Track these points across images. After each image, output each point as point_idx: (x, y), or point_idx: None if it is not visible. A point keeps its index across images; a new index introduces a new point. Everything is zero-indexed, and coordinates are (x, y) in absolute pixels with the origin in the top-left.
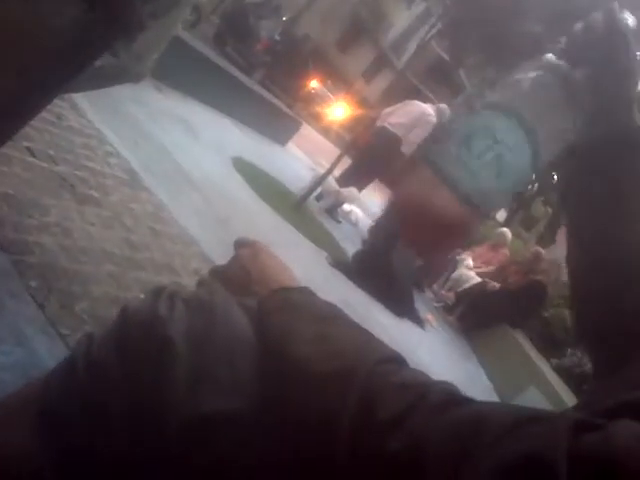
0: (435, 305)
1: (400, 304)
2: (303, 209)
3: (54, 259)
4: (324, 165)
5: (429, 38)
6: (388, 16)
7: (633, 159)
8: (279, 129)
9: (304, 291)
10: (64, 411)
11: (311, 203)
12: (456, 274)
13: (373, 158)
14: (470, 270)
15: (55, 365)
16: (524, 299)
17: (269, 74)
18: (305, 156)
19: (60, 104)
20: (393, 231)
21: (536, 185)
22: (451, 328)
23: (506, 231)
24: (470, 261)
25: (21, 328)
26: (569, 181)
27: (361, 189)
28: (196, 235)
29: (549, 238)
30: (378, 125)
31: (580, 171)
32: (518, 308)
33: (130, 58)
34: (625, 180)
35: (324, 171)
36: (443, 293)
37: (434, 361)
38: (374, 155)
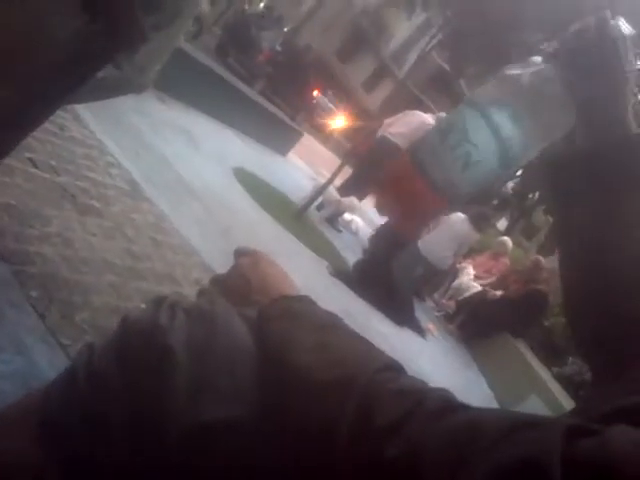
0: (436, 314)
1: (401, 313)
2: (304, 219)
3: (55, 269)
4: (325, 175)
5: (430, 48)
6: (389, 27)
7: (628, 165)
8: (280, 139)
9: (304, 300)
10: (65, 421)
11: (312, 213)
12: (456, 283)
13: (373, 168)
14: (471, 279)
15: (55, 375)
16: (525, 308)
17: (270, 85)
18: (306, 166)
19: (63, 115)
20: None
21: (537, 194)
22: (452, 337)
23: (507, 240)
24: (471, 269)
25: (21, 338)
26: (563, 189)
27: (362, 198)
28: (197, 245)
29: (550, 247)
30: (379, 135)
31: (574, 179)
32: (519, 317)
33: (132, 70)
34: (620, 187)
35: (325, 181)
36: (444, 302)
37: (435, 370)
38: (374, 165)
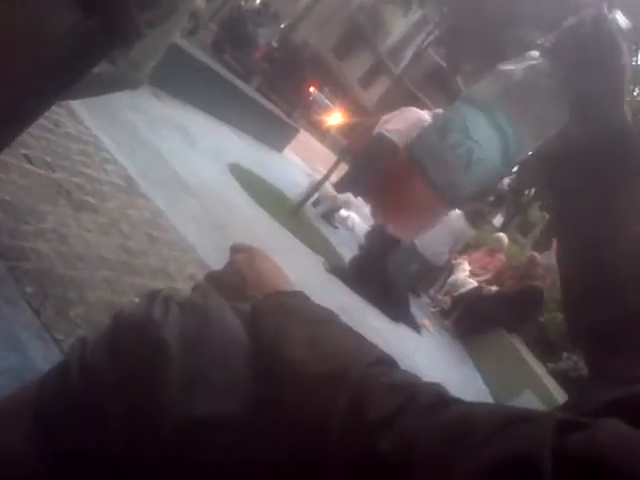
0: (431, 310)
1: (396, 309)
2: (300, 215)
3: (50, 265)
4: (321, 171)
5: (426, 45)
6: (385, 23)
7: (624, 159)
8: (276, 136)
9: (298, 295)
10: (58, 414)
11: (308, 209)
12: (452, 279)
13: (370, 164)
14: (467, 275)
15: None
16: (520, 303)
17: (267, 81)
18: (302, 162)
19: (58, 111)
20: (389, 236)
21: (533, 190)
22: (447, 333)
23: (503, 236)
24: (467, 266)
25: (16, 334)
26: (559, 185)
27: (357, 195)
28: (193, 241)
29: (545, 243)
30: (375, 132)
31: (570, 174)
32: (514, 312)
33: (128, 65)
34: (615, 182)
35: (321, 177)
36: (439, 298)
37: (431, 366)
38: (371, 161)
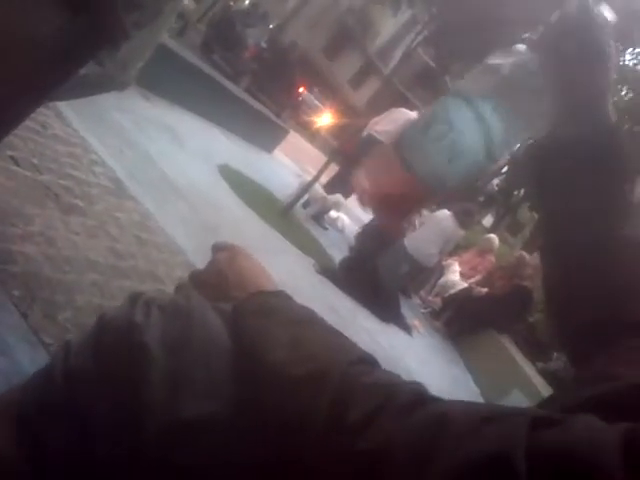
0: (422, 311)
1: (386, 310)
2: (290, 216)
3: (38, 268)
4: (311, 172)
5: (415, 45)
6: (375, 24)
7: (608, 157)
8: (266, 136)
9: (280, 295)
10: (41, 417)
11: (298, 210)
12: (442, 280)
13: (359, 165)
14: (457, 276)
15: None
16: (510, 304)
17: (256, 81)
18: (292, 163)
19: (45, 112)
20: (380, 237)
21: (522, 191)
22: (438, 333)
23: (493, 237)
24: (457, 267)
25: (3, 337)
26: (548, 182)
27: (347, 196)
28: (182, 244)
29: (535, 243)
30: (365, 133)
31: (558, 172)
32: (504, 313)
33: (115, 66)
34: (603, 183)
35: (311, 178)
36: (430, 299)
37: (421, 367)
38: (361, 162)
